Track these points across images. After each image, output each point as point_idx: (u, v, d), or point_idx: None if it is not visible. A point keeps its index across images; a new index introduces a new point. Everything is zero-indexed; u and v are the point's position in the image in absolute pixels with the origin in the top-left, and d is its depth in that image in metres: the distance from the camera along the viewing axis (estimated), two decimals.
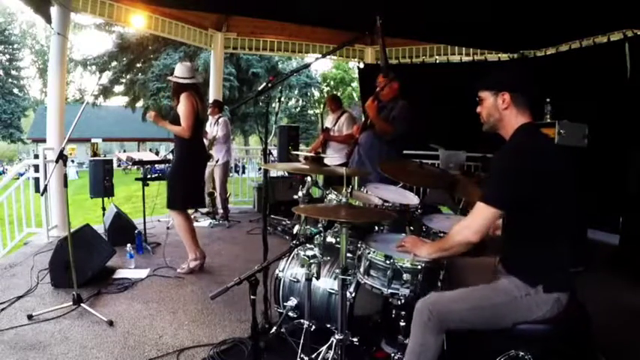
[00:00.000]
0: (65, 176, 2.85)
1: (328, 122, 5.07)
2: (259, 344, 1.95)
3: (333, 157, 4.47)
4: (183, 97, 3.38)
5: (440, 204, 3.47)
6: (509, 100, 1.66)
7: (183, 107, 3.36)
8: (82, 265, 3.02)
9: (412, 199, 2.57)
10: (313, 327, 2.08)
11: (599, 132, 3.91)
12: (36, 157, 5.17)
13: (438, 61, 6.76)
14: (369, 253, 1.89)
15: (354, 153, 3.62)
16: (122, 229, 4.27)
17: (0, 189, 4.10)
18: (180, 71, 3.46)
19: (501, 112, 1.68)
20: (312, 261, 1.88)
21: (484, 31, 5.03)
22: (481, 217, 1.58)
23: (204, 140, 5.53)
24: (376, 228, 2.34)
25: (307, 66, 9.02)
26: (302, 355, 2.02)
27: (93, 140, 26.40)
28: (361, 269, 1.94)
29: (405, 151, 4.02)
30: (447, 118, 5.46)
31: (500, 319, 1.58)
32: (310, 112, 27.90)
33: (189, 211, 3.92)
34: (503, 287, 1.60)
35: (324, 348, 2.01)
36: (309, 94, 26.16)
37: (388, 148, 3.37)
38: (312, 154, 2.27)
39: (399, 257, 1.80)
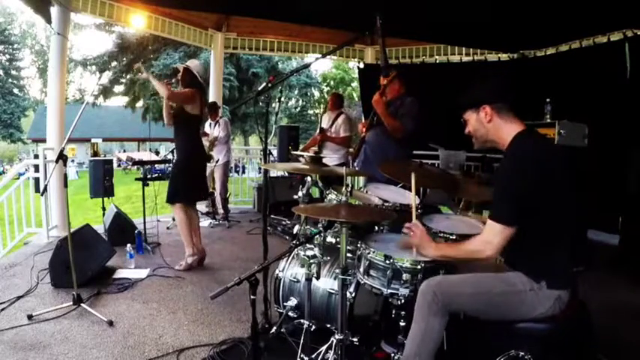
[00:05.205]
0: (65, 176, 2.86)
1: (324, 122, 5.05)
2: (259, 344, 1.95)
3: (330, 158, 4.47)
4: (189, 90, 3.50)
5: (440, 204, 3.45)
6: (490, 112, 1.66)
7: (185, 90, 3.51)
8: (82, 265, 3.02)
9: None
10: (313, 327, 2.09)
11: (599, 132, 3.90)
12: (36, 157, 5.16)
13: (438, 61, 6.76)
14: (368, 253, 1.89)
15: (360, 152, 3.41)
16: (122, 229, 4.28)
17: (0, 189, 4.10)
18: (200, 69, 3.61)
19: (486, 125, 1.68)
20: (312, 261, 1.88)
21: (484, 31, 5.02)
22: (499, 234, 1.56)
23: (205, 141, 5.56)
24: (376, 228, 2.34)
25: (307, 66, 9.00)
26: (302, 355, 2.02)
27: (93, 140, 26.38)
28: (361, 269, 1.94)
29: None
30: (446, 117, 5.44)
31: (503, 310, 1.58)
32: (310, 112, 27.85)
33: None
34: (509, 278, 1.61)
35: (324, 348, 2.01)
36: (309, 94, 26.13)
37: (398, 147, 3.17)
38: (312, 154, 2.26)
39: (398, 257, 1.80)
